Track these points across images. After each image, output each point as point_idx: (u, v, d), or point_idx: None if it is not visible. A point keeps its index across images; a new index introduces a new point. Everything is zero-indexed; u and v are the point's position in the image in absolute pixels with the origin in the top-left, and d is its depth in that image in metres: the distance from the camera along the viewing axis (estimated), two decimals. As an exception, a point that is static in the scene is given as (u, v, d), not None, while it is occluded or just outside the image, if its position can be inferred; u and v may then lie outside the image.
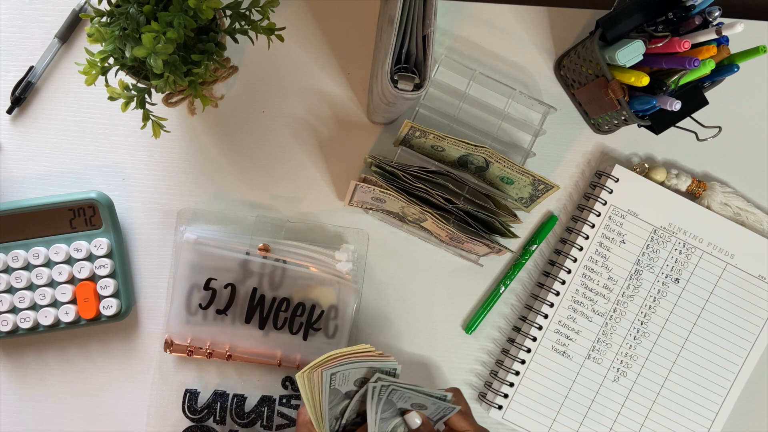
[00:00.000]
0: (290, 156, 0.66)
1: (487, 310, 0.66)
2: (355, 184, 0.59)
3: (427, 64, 0.52)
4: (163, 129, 0.54)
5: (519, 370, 0.65)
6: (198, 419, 0.62)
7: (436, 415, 0.52)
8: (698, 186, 0.67)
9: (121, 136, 0.65)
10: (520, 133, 0.67)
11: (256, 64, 0.66)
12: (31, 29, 0.65)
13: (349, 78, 0.67)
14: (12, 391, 0.64)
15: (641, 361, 0.66)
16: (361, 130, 0.66)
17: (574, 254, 0.66)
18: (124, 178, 0.65)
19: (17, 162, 0.65)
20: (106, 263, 0.61)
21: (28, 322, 0.61)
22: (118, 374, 0.64)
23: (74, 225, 0.62)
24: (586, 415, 0.65)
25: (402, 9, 0.51)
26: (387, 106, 0.57)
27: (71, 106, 0.65)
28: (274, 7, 0.54)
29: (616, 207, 0.66)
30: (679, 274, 0.66)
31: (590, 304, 0.66)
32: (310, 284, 0.63)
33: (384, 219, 0.66)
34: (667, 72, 0.58)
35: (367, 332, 0.66)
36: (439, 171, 0.60)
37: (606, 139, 0.68)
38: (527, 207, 0.64)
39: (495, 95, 0.66)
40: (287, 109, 0.66)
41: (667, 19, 0.58)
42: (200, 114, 0.65)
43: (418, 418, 0.51)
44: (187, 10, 0.48)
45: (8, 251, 0.61)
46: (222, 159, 0.65)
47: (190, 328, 0.62)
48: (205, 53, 0.53)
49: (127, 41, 0.49)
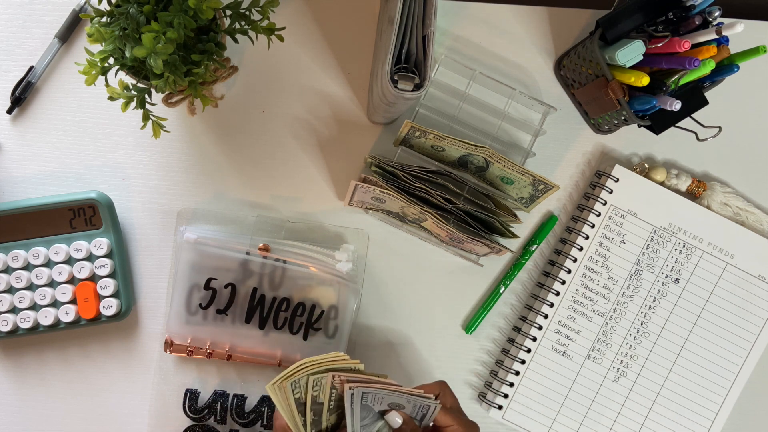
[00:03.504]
0: (290, 156, 0.66)
1: (487, 310, 0.66)
2: (355, 184, 0.59)
3: (427, 64, 0.52)
4: (163, 129, 0.54)
5: (519, 370, 0.65)
6: (199, 419, 0.62)
7: (417, 413, 0.51)
8: (698, 186, 0.67)
9: (121, 136, 0.65)
10: (520, 133, 0.67)
11: (256, 64, 0.66)
12: (31, 29, 0.65)
13: (349, 78, 0.67)
14: (12, 391, 0.64)
15: (641, 361, 0.66)
16: (361, 130, 0.66)
17: (574, 254, 0.66)
18: (124, 178, 0.65)
19: (17, 162, 0.65)
20: (106, 263, 0.61)
21: (28, 322, 0.61)
22: (118, 374, 0.64)
23: (74, 225, 0.62)
24: (586, 415, 0.65)
25: (402, 9, 0.51)
26: (387, 106, 0.57)
27: (71, 106, 0.65)
28: (274, 7, 0.54)
29: (616, 207, 0.66)
30: (679, 274, 0.66)
31: (590, 304, 0.66)
32: (310, 284, 0.63)
33: (384, 219, 0.66)
34: (667, 72, 0.58)
35: (367, 332, 0.66)
36: (439, 171, 0.60)
37: (606, 139, 0.68)
38: (527, 207, 0.64)
39: (495, 95, 0.66)
40: (287, 109, 0.66)
41: (667, 19, 0.58)
42: (200, 114, 0.65)
43: (398, 417, 0.50)
44: (187, 10, 0.48)
45: (8, 251, 0.61)
46: (222, 159, 0.65)
47: (190, 328, 0.62)
48: (205, 53, 0.53)
49: (127, 41, 0.49)
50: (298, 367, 0.49)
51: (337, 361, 0.50)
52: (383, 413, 0.51)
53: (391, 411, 0.51)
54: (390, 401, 0.50)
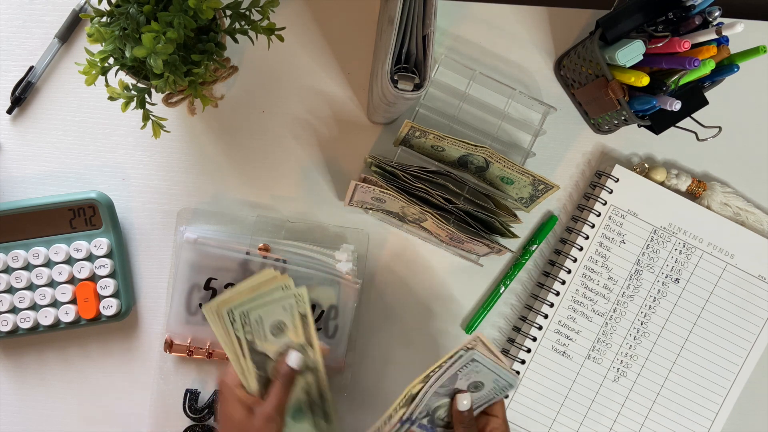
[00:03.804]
0: (290, 156, 0.66)
1: (487, 310, 0.66)
2: (355, 184, 0.59)
3: (427, 64, 0.52)
4: (163, 129, 0.54)
5: (519, 370, 0.65)
6: (199, 419, 0.62)
7: (485, 400, 0.53)
8: (698, 186, 0.67)
9: (121, 136, 0.65)
10: (520, 133, 0.67)
11: (256, 64, 0.66)
12: (31, 29, 0.65)
13: (349, 78, 0.67)
14: (12, 391, 0.64)
15: (641, 361, 0.66)
16: (361, 130, 0.66)
17: (574, 254, 0.66)
18: (124, 178, 0.65)
19: (17, 162, 0.65)
20: (106, 263, 0.61)
21: (28, 322, 0.61)
22: (118, 374, 0.64)
23: (74, 225, 0.62)
24: (586, 415, 0.65)
25: (402, 9, 0.51)
26: (387, 106, 0.57)
27: (71, 106, 0.65)
28: (274, 7, 0.54)
29: (616, 207, 0.66)
30: (679, 274, 0.66)
31: (590, 304, 0.66)
32: (310, 284, 0.62)
33: (384, 219, 0.66)
34: (667, 72, 0.58)
35: (367, 332, 0.66)
36: (439, 171, 0.60)
37: (606, 139, 0.68)
38: (527, 207, 0.64)
39: (495, 95, 0.66)
40: (287, 109, 0.66)
41: (667, 19, 0.58)
42: (200, 114, 0.65)
43: (467, 400, 0.51)
44: (187, 10, 0.48)
45: (8, 251, 0.61)
46: (222, 159, 0.65)
47: (191, 328, 0.62)
48: (205, 53, 0.53)
49: (127, 41, 0.49)
50: (236, 293, 0.51)
51: (268, 282, 0.53)
52: (456, 392, 0.51)
53: (464, 392, 0.51)
54: (475, 380, 0.51)
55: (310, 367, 0.54)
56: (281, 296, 0.53)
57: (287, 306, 0.54)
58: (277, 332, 0.53)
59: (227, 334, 0.52)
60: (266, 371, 0.52)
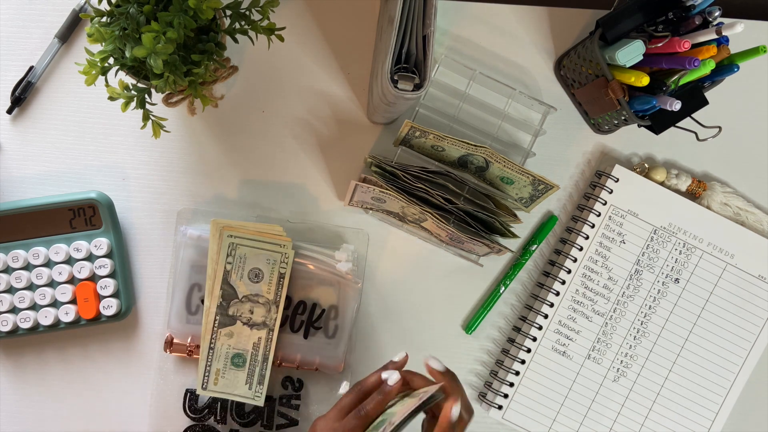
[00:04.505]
0: (290, 156, 0.66)
1: (487, 310, 0.66)
2: (355, 184, 0.59)
3: (427, 64, 0.52)
4: (163, 129, 0.54)
5: (519, 370, 0.65)
6: (199, 419, 0.62)
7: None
8: (698, 186, 0.67)
9: (121, 136, 0.65)
10: (520, 133, 0.67)
11: (256, 64, 0.66)
12: (31, 29, 0.65)
13: (349, 78, 0.67)
14: (12, 391, 0.64)
15: (641, 361, 0.66)
16: (361, 130, 0.66)
17: (574, 254, 0.66)
18: (124, 178, 0.65)
19: (17, 162, 0.65)
20: (106, 263, 0.61)
21: (28, 322, 0.61)
22: (118, 374, 0.64)
23: (74, 225, 0.62)
24: (586, 415, 0.65)
25: (402, 9, 0.51)
26: (387, 106, 0.57)
27: (71, 106, 0.65)
28: (274, 7, 0.54)
29: (616, 207, 0.66)
30: (679, 274, 0.66)
31: (590, 304, 0.66)
32: (311, 284, 0.62)
33: (384, 219, 0.66)
34: (667, 72, 0.58)
35: (367, 332, 0.66)
36: (439, 171, 0.60)
37: (606, 139, 0.68)
38: (527, 207, 0.64)
39: (495, 95, 0.66)
40: (287, 109, 0.66)
41: (667, 19, 0.58)
42: (200, 114, 0.65)
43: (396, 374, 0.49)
44: (187, 10, 0.48)
45: (8, 251, 0.61)
46: (222, 159, 0.65)
47: (191, 328, 0.62)
48: (205, 53, 0.53)
49: (127, 41, 0.49)
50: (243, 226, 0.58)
51: (272, 235, 0.59)
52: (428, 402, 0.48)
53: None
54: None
55: (267, 325, 0.60)
56: (272, 249, 0.59)
57: (272, 259, 0.60)
58: (253, 278, 0.59)
59: (217, 253, 0.59)
60: (228, 303, 0.59)
